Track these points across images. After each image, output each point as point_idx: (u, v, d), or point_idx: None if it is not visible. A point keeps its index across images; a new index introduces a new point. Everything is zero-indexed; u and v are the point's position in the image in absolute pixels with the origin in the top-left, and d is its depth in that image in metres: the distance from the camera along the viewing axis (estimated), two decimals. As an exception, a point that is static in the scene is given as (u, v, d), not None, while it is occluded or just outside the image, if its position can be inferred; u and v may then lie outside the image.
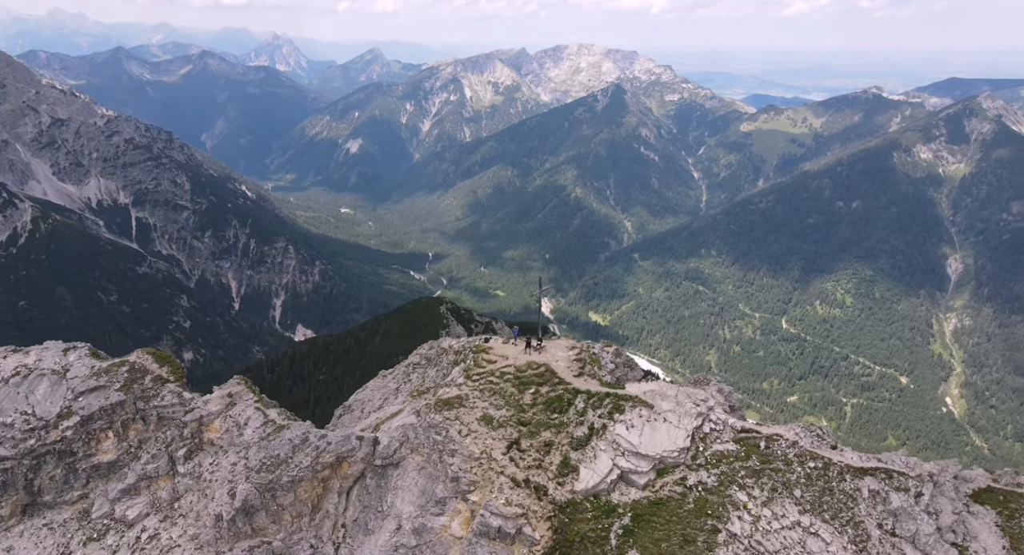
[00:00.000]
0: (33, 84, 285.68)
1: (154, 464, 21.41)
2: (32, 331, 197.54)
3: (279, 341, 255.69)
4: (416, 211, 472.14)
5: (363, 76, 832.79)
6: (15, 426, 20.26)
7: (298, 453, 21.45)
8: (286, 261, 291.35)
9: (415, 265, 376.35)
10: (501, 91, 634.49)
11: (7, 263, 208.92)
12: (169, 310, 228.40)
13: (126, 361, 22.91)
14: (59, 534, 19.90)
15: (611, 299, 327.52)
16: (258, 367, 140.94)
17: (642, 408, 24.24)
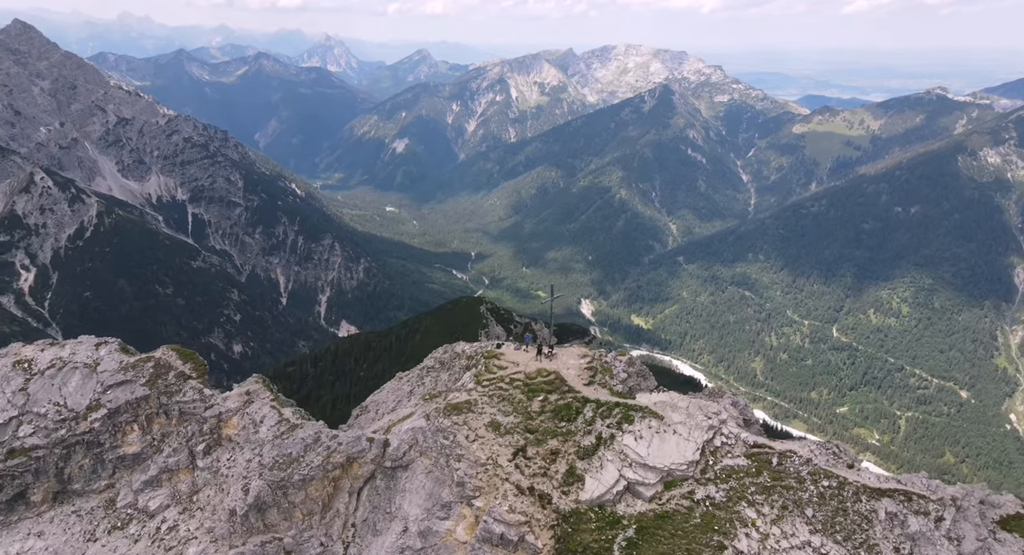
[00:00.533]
0: (102, 85, 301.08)
1: (175, 457, 22.15)
2: (94, 321, 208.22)
3: (324, 336, 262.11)
4: (460, 211, 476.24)
5: (411, 76, 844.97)
6: (48, 416, 21.25)
7: (310, 452, 21.94)
8: (332, 258, 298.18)
9: (458, 264, 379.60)
10: (547, 92, 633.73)
11: (74, 255, 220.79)
12: (221, 303, 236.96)
13: (152, 357, 23.85)
14: (86, 521, 20.83)
15: (654, 302, 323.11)
16: (302, 361, 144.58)
17: (652, 419, 23.86)
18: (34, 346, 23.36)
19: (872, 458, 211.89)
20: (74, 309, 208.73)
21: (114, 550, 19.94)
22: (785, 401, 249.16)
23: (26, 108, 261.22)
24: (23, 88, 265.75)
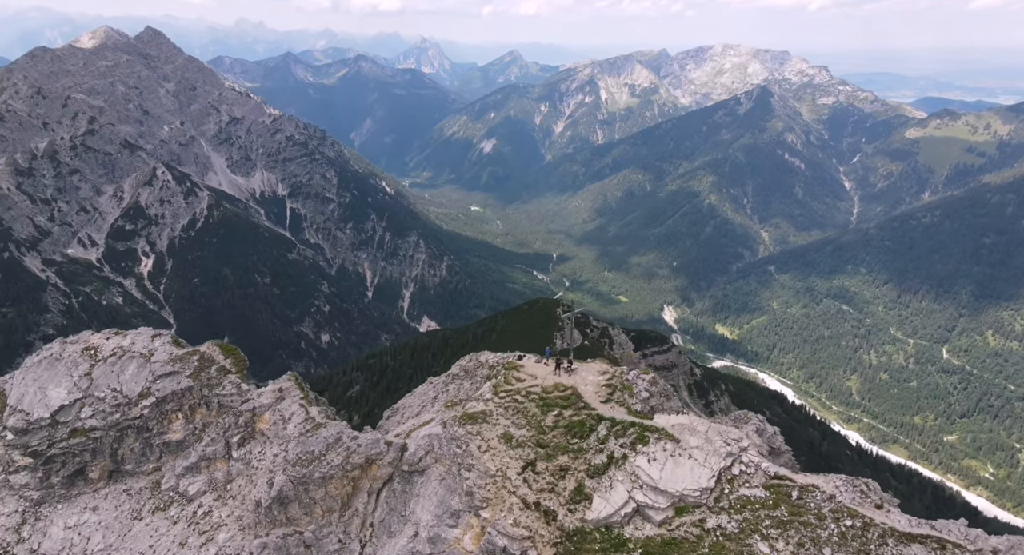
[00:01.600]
0: (217, 87, 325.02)
1: (213, 447, 23.21)
2: (201, 306, 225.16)
3: (405, 330, 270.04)
4: (544, 212, 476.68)
5: (501, 77, 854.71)
6: (106, 401, 22.68)
7: (331, 451, 22.40)
8: (417, 255, 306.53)
9: (539, 265, 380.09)
10: (637, 93, 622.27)
11: (186, 244, 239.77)
12: (312, 294, 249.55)
13: (197, 351, 24.99)
14: (134, 500, 22.29)
15: (741, 312, 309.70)
16: (382, 354, 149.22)
17: (667, 441, 22.98)
18: (101, 335, 25.21)
19: (984, 493, 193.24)
20: (185, 294, 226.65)
21: (156, 529, 21.25)
22: (884, 424, 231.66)
23: (153, 108, 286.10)
24: (151, 90, 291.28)
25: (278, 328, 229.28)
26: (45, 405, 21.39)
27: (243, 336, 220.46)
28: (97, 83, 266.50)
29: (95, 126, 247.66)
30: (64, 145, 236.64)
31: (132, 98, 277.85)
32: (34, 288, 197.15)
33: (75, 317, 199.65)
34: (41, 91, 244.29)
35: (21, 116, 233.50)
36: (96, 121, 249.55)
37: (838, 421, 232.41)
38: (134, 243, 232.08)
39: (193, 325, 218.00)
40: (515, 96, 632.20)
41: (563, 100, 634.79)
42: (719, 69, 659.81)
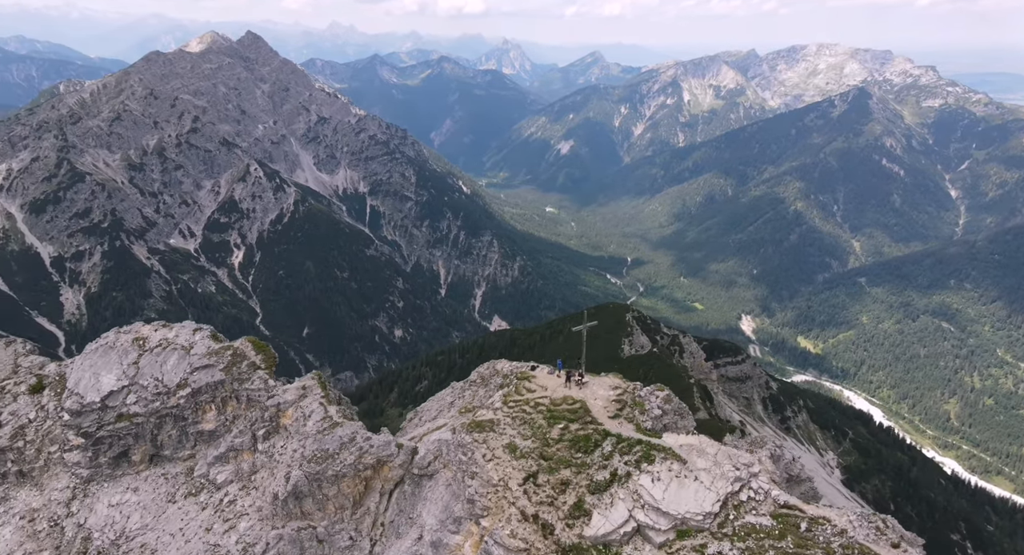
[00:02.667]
0: (308, 87, 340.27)
1: (240, 439, 24.12)
2: (285, 297, 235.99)
3: (476, 329, 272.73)
4: (619, 215, 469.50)
5: (582, 79, 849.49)
6: (148, 389, 23.97)
7: (344, 450, 22.79)
8: (490, 254, 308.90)
9: (613, 269, 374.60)
10: (723, 95, 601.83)
11: (273, 237, 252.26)
12: (387, 290, 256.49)
13: (231, 346, 26.01)
14: (170, 484, 23.58)
15: (827, 326, 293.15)
16: (451, 351, 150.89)
17: (674, 462, 22.51)
18: (151, 326, 26.77)
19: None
20: (270, 285, 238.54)
21: (186, 513, 22.54)
22: (987, 453, 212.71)
23: (250, 108, 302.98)
24: (249, 91, 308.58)
25: (354, 321, 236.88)
26: (97, 390, 23.10)
27: (322, 327, 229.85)
28: (202, 84, 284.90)
29: (198, 125, 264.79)
30: (171, 142, 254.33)
31: (231, 99, 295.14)
32: (140, 274, 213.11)
33: (174, 303, 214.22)
34: (153, 92, 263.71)
35: (135, 115, 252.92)
36: (199, 120, 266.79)
37: (932, 447, 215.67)
38: (227, 235, 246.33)
39: (277, 315, 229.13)
40: (595, 97, 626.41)
41: (644, 102, 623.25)
42: (812, 70, 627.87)
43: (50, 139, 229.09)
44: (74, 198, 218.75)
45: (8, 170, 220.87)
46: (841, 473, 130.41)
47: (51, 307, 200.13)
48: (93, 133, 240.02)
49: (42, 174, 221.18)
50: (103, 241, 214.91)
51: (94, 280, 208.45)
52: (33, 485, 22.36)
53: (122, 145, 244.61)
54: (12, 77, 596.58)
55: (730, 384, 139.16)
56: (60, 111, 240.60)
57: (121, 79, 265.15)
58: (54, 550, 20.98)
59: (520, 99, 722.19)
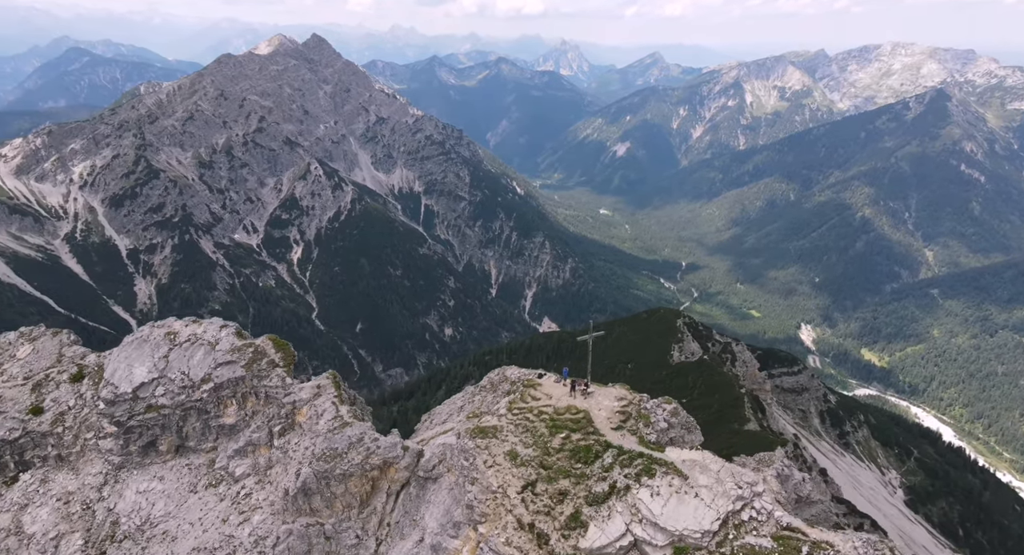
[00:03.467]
0: (368, 88, 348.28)
1: (258, 434, 24.82)
2: (339, 292, 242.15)
3: (526, 330, 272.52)
4: (675, 218, 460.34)
5: (640, 80, 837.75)
6: (175, 382, 24.94)
7: (352, 450, 23.16)
8: (541, 255, 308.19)
9: (666, 273, 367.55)
10: (787, 96, 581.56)
11: (330, 234, 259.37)
12: (439, 288, 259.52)
13: (253, 343, 26.73)
14: (193, 474, 24.57)
15: (894, 338, 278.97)
16: (498, 351, 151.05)
17: (675, 477, 22.16)
18: (182, 321, 27.90)
19: None
20: (326, 281, 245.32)
21: (206, 504, 23.45)
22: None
23: (312, 108, 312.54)
24: (312, 91, 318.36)
25: (406, 318, 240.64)
26: (129, 381, 24.33)
27: (374, 323, 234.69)
28: (268, 86, 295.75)
29: (264, 124, 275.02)
30: (238, 141, 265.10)
31: (296, 99, 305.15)
32: (206, 267, 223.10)
33: (236, 296, 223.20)
34: (224, 93, 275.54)
35: (207, 115, 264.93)
36: (265, 120, 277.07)
37: (1009, 470, 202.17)
38: (287, 232, 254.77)
39: (332, 310, 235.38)
40: (653, 99, 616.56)
41: (704, 103, 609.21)
42: (886, 70, 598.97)
43: (129, 138, 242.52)
44: (149, 194, 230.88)
45: (92, 166, 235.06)
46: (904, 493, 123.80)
47: (126, 296, 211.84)
48: (168, 132, 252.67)
49: (121, 170, 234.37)
50: (174, 235, 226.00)
51: (164, 272, 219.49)
52: (70, 469, 23.71)
53: (193, 143, 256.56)
54: (99, 79, 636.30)
55: (785, 395, 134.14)
56: (139, 111, 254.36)
57: (195, 81, 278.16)
58: (85, 532, 22.21)
59: (577, 100, 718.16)
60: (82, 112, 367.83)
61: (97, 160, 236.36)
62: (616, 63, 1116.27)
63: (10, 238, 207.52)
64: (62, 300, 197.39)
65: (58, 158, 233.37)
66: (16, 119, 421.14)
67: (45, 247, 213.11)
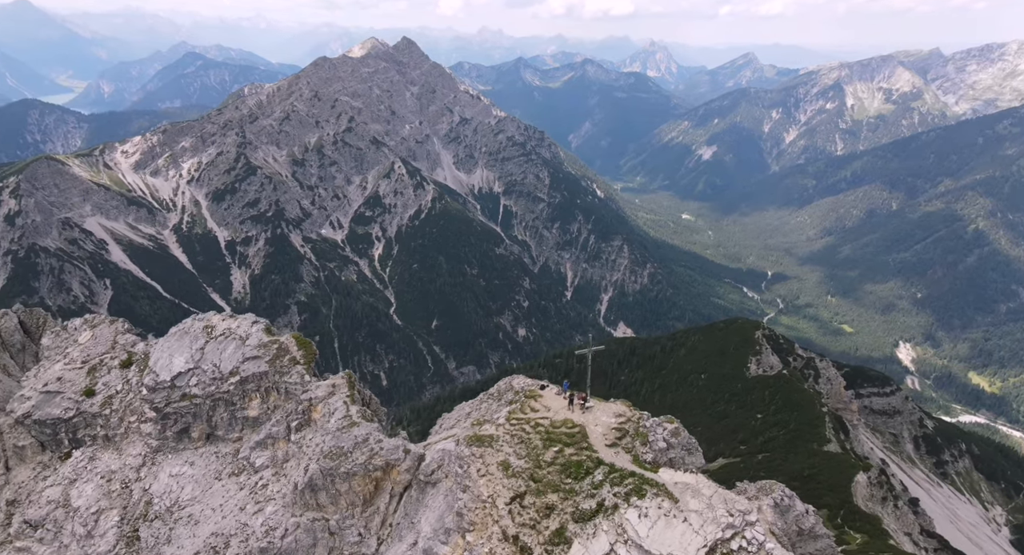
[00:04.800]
0: (453, 89, 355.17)
1: (277, 428, 25.72)
2: (417, 289, 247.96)
3: (600, 334, 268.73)
4: (762, 225, 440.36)
5: (731, 81, 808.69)
6: (207, 373, 26.22)
7: (357, 450, 23.67)
8: (619, 259, 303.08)
9: (750, 282, 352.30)
10: (894, 99, 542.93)
11: (411, 232, 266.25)
12: (514, 289, 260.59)
13: (278, 340, 27.70)
14: (219, 462, 25.80)
15: (1009, 362, 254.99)
16: (568, 355, 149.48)
17: (665, 499, 21.60)
18: (220, 316, 29.74)
19: None
20: (405, 277, 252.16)
21: (227, 491, 24.62)
22: None
23: (399, 108, 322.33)
24: (399, 93, 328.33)
25: (480, 317, 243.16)
26: (169, 370, 25.82)
27: (449, 321, 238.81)
28: (359, 87, 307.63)
29: (353, 124, 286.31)
30: (328, 140, 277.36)
31: (384, 100, 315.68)
32: (295, 261, 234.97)
33: (321, 288, 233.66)
34: (318, 94, 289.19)
35: (301, 115, 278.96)
36: (354, 120, 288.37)
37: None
38: (370, 228, 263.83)
39: (409, 306, 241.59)
40: (744, 101, 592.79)
41: (799, 106, 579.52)
42: (1011, 70, 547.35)
43: (232, 136, 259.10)
44: (247, 189, 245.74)
45: (199, 163, 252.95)
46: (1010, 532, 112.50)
47: (223, 285, 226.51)
48: (266, 131, 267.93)
49: (224, 167, 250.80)
50: (267, 229, 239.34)
51: (257, 263, 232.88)
52: (114, 449, 25.57)
53: (288, 142, 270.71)
54: (210, 81, 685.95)
55: (874, 417, 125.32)
56: (242, 111, 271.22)
57: (292, 82, 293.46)
58: (121, 509, 23.87)
59: (662, 102, 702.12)
60: (194, 112, 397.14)
61: (203, 157, 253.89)
62: (706, 64, 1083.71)
63: (127, 228, 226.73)
64: (168, 286, 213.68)
65: (170, 155, 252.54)
66: (138, 118, 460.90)
67: (156, 237, 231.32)
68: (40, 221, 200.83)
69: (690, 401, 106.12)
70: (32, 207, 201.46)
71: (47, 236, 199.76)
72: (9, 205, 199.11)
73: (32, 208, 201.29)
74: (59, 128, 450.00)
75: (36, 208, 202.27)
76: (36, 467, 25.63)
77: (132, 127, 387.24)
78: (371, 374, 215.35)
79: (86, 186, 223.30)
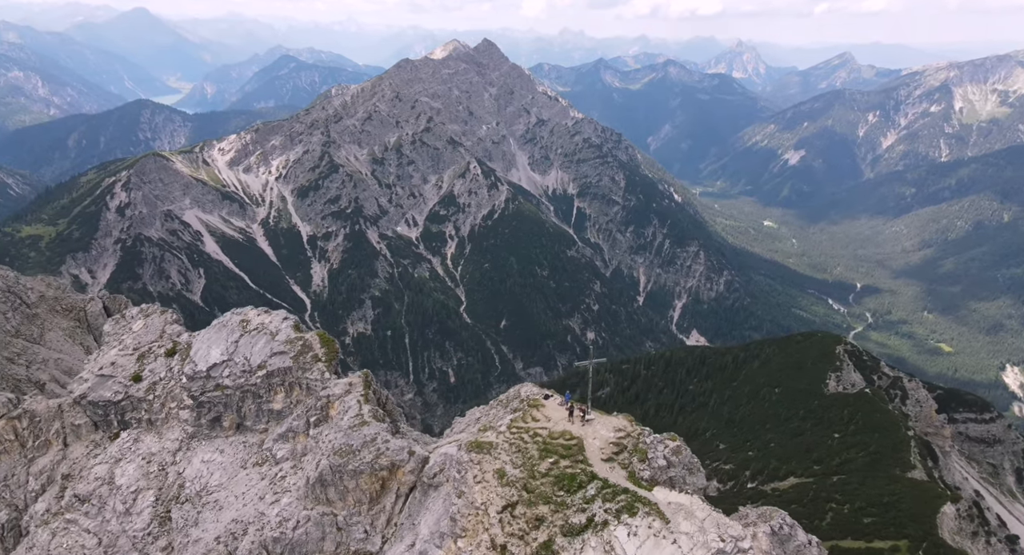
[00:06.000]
0: (531, 91, 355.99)
1: (298, 422, 26.59)
2: (487, 289, 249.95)
3: (671, 341, 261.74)
4: (852, 235, 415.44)
5: (824, 83, 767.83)
6: (238, 366, 27.28)
7: (364, 449, 24.09)
8: (695, 266, 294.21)
9: (837, 294, 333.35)
10: (1011, 101, 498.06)
11: (483, 232, 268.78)
12: (584, 292, 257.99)
13: (303, 337, 28.27)
14: (246, 451, 26.83)
15: None
16: (635, 362, 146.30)
17: (656, 518, 21.32)
18: (256, 311, 30.80)
19: None
20: (476, 276, 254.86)
21: (250, 480, 25.60)
22: None
23: (477, 110, 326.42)
24: (478, 94, 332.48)
25: (549, 319, 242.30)
26: (206, 360, 27.11)
27: (517, 321, 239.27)
28: (439, 88, 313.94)
29: (431, 124, 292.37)
30: (407, 140, 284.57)
31: (462, 101, 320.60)
32: (371, 257, 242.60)
33: (394, 284, 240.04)
34: (399, 95, 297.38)
35: (383, 115, 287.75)
36: (432, 120, 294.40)
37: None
38: (444, 227, 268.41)
39: (479, 305, 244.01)
40: (838, 104, 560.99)
41: (899, 109, 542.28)
42: None
43: (317, 135, 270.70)
44: (329, 186, 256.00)
45: (286, 160, 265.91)
46: None
47: (303, 278, 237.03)
48: (349, 130, 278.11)
49: (309, 165, 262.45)
50: (346, 225, 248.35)
51: (336, 258, 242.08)
52: (156, 433, 27.13)
53: (369, 141, 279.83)
54: (301, 82, 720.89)
55: (970, 445, 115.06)
56: (327, 111, 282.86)
57: (375, 84, 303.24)
58: (157, 490, 25.42)
59: (748, 105, 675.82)
60: (285, 112, 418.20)
61: (291, 155, 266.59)
62: (797, 65, 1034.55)
63: (220, 220, 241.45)
64: (254, 277, 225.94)
65: (261, 153, 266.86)
66: (235, 118, 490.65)
67: (245, 230, 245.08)
68: (146, 213, 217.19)
69: (762, 415, 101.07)
70: (140, 200, 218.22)
71: (151, 227, 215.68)
72: (120, 197, 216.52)
73: (140, 200, 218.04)
74: (167, 126, 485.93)
75: (143, 201, 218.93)
76: (89, 445, 27.38)
77: (230, 126, 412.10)
78: (439, 371, 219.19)
79: (186, 181, 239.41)
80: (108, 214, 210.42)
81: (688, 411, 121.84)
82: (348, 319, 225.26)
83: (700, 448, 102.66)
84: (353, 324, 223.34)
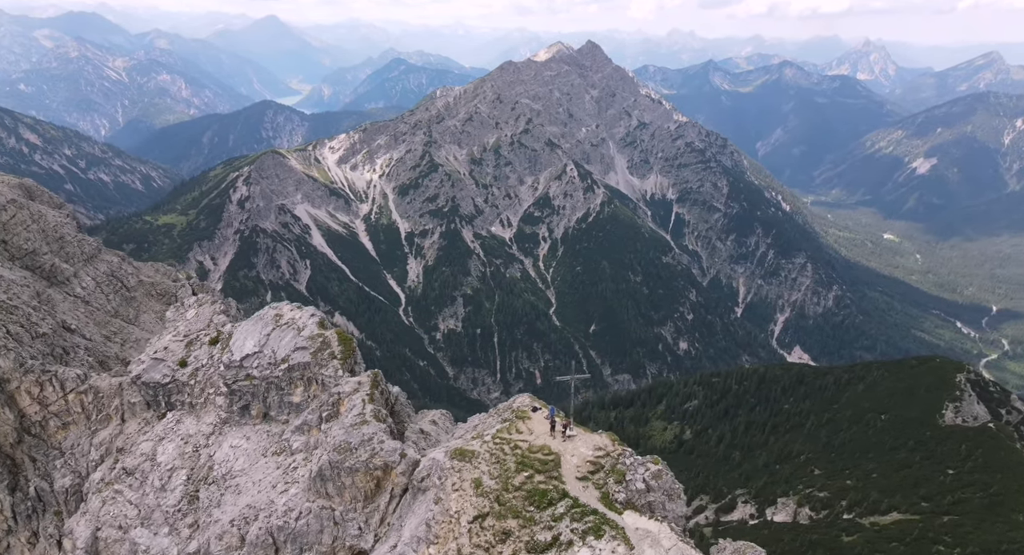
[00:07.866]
0: (633, 93, 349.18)
1: (312, 416, 27.24)
2: (578, 292, 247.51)
3: (771, 356, 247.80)
4: (989, 252, 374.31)
5: (964, 85, 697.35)
6: (266, 358, 28.44)
7: (361, 447, 24.54)
8: (800, 278, 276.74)
9: (967, 316, 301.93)
10: None
11: (577, 234, 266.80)
12: (678, 300, 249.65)
13: (323, 334, 28.90)
14: (268, 440, 27.90)
15: None
16: (727, 376, 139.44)
17: (621, 544, 21.02)
18: (290, 306, 31.45)
19: None
20: (567, 278, 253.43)
21: (267, 468, 26.60)
22: None
23: (577, 112, 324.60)
24: (579, 96, 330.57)
25: (639, 326, 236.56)
26: (241, 351, 28.52)
27: (607, 327, 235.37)
28: (540, 90, 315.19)
29: (530, 126, 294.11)
30: (505, 141, 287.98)
31: (563, 103, 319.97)
32: (465, 255, 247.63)
33: (486, 283, 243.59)
34: (500, 97, 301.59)
35: (483, 116, 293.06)
36: (532, 122, 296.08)
37: None
38: (537, 228, 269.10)
39: (568, 308, 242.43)
40: (979, 108, 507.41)
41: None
42: None
43: (420, 135, 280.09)
44: (428, 185, 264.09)
45: (390, 159, 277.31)
46: None
47: (400, 273, 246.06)
48: (450, 131, 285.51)
49: (411, 164, 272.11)
50: (442, 223, 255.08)
51: (431, 255, 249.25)
52: (195, 416, 28.89)
53: (469, 142, 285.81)
54: (409, 84, 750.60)
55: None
56: (430, 112, 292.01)
57: (478, 85, 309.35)
58: (189, 470, 27.14)
59: (872, 109, 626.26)
60: (392, 112, 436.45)
61: (394, 154, 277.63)
62: (933, 65, 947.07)
63: (327, 215, 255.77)
64: (354, 270, 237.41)
65: (367, 151, 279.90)
66: (347, 118, 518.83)
67: (349, 225, 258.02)
68: (262, 206, 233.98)
69: (864, 443, 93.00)
70: (258, 194, 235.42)
71: (266, 219, 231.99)
72: (241, 191, 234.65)
73: (258, 195, 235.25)
74: (286, 126, 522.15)
75: (261, 195, 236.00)
76: (141, 422, 29.50)
77: (341, 126, 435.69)
78: (526, 372, 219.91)
79: (299, 177, 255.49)
80: (230, 206, 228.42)
81: (781, 431, 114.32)
82: (440, 315, 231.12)
83: (792, 472, 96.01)
84: (444, 320, 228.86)
